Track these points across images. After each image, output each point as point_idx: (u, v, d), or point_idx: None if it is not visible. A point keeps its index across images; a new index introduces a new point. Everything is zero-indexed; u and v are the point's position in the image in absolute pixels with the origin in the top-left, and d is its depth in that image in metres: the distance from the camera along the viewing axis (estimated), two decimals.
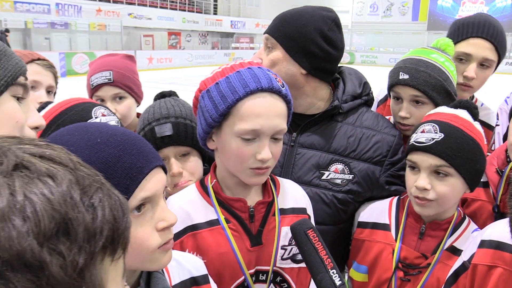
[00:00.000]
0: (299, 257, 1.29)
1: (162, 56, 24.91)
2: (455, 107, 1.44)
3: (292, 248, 1.28)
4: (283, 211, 1.30)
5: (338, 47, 1.52)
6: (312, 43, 1.46)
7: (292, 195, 1.34)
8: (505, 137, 2.12)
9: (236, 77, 1.15)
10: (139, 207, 0.82)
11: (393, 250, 1.44)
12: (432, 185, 1.33)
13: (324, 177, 1.51)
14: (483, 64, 1.88)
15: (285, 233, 1.27)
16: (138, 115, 1.98)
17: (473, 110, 1.42)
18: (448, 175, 1.33)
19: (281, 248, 1.27)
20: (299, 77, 1.50)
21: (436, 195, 1.33)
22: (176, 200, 1.29)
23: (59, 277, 0.41)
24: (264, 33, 1.56)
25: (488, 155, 1.68)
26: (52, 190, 0.43)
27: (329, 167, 1.52)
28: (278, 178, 1.38)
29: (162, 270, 0.98)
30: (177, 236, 1.23)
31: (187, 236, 1.24)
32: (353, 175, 1.52)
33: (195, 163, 1.49)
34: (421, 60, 1.66)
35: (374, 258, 1.49)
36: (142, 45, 26.43)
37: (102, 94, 1.91)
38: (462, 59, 1.88)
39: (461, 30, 1.90)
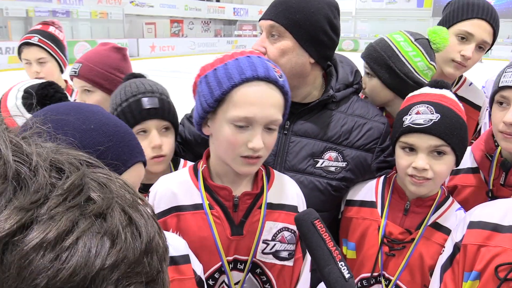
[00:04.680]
0: (283, 254, 1.30)
1: (165, 44, 24.77)
2: (435, 87, 1.47)
3: (275, 244, 1.28)
4: (271, 206, 1.29)
5: (339, 34, 1.53)
6: (321, 31, 1.45)
7: (285, 191, 1.33)
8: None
9: (234, 64, 1.14)
10: None
11: (379, 226, 1.49)
12: (430, 164, 1.37)
13: (318, 165, 1.53)
14: (481, 46, 1.91)
15: (269, 228, 1.27)
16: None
17: (451, 90, 1.48)
18: (445, 154, 1.37)
19: (263, 242, 1.27)
20: (307, 66, 1.49)
21: (434, 174, 1.37)
22: (166, 180, 1.32)
23: None
24: (262, 19, 1.49)
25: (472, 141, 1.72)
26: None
27: (323, 155, 1.53)
28: (275, 172, 1.37)
29: None
30: (162, 215, 1.26)
31: (171, 216, 1.26)
32: (346, 163, 1.54)
33: (172, 139, 1.54)
34: (381, 37, 1.80)
35: (361, 234, 1.55)
36: (144, 33, 26.26)
37: (74, 84, 1.99)
38: (463, 37, 1.89)
39: (466, 10, 1.89)
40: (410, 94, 1.52)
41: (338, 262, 0.97)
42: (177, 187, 1.28)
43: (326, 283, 0.97)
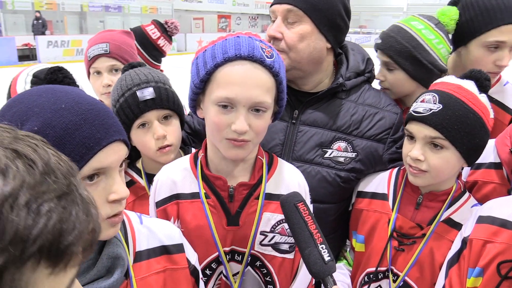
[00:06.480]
0: (283, 247, 1.26)
1: (212, 39, 25.05)
2: (466, 77, 1.36)
3: (274, 236, 1.25)
4: (270, 196, 1.24)
5: (350, 18, 1.49)
6: (338, 15, 1.42)
7: (286, 181, 1.28)
8: None
9: (220, 44, 1.12)
10: (91, 177, 0.83)
11: (389, 220, 1.43)
12: (425, 156, 1.30)
13: (326, 155, 1.48)
14: None
15: (267, 219, 1.24)
16: None
17: (484, 82, 1.34)
18: (443, 148, 1.29)
19: (261, 234, 1.24)
20: (324, 52, 1.46)
21: (429, 167, 1.30)
22: (168, 168, 1.32)
23: None
24: (277, 4, 1.44)
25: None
26: None
27: (332, 145, 1.48)
28: (280, 160, 1.33)
29: (126, 236, 0.99)
30: (163, 202, 1.26)
31: (172, 204, 1.26)
32: (356, 153, 1.48)
33: (176, 127, 1.50)
34: (397, 26, 1.67)
35: (371, 227, 1.49)
36: (192, 28, 26.77)
37: (99, 65, 1.93)
38: (494, 47, 1.69)
39: (492, 17, 1.67)
40: (434, 82, 1.45)
41: (318, 244, 0.95)
42: (177, 175, 1.27)
43: (306, 265, 0.96)
